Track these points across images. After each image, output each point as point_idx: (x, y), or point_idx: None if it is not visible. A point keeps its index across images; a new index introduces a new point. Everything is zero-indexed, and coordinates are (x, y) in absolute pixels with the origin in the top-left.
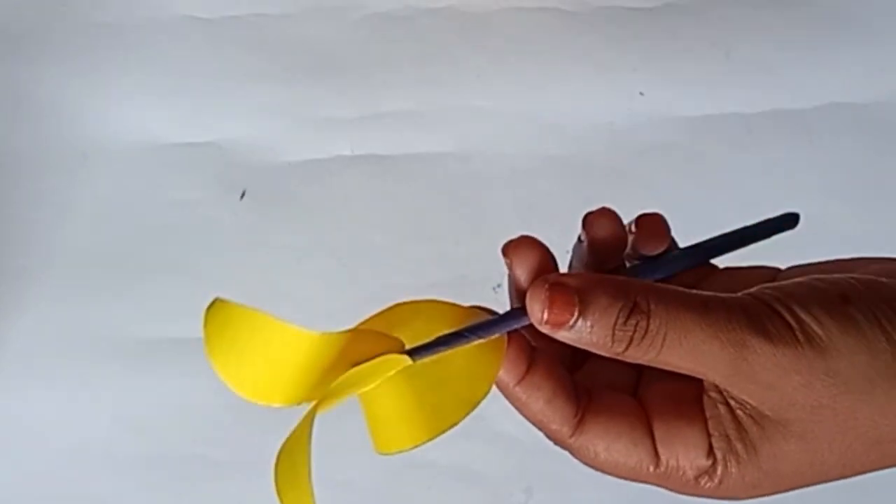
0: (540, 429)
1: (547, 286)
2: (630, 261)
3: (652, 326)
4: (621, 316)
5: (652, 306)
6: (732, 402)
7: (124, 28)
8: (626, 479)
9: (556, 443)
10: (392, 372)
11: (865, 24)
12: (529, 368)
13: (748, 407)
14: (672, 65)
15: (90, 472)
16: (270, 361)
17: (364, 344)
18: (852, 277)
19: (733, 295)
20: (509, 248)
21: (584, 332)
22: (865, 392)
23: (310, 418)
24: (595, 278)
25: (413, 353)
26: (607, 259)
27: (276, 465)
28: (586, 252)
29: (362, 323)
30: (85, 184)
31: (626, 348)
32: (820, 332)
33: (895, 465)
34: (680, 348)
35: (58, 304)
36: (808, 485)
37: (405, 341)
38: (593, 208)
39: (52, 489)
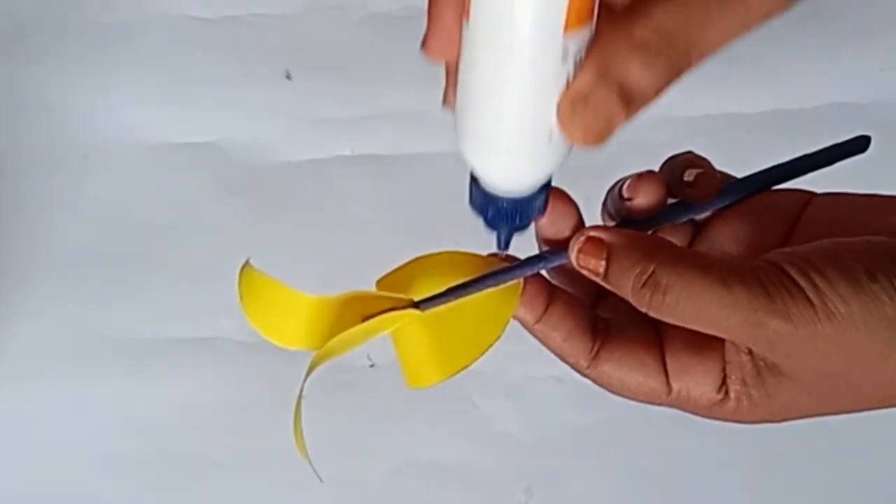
0: (561, 359)
1: (584, 237)
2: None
3: (668, 299)
4: (637, 282)
5: (669, 280)
6: (755, 353)
7: (124, 28)
8: (643, 402)
9: (576, 371)
10: (403, 321)
11: (865, 24)
12: (547, 309)
13: (768, 360)
14: None
15: (90, 472)
16: (288, 317)
17: (374, 302)
18: (873, 242)
19: (754, 264)
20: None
21: (612, 284)
22: (878, 363)
23: (317, 363)
24: (627, 238)
25: (422, 304)
26: (645, 215)
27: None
28: (626, 208)
29: (386, 275)
30: (85, 184)
31: (647, 310)
32: (842, 309)
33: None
34: (698, 320)
35: (58, 304)
36: (812, 416)
37: (423, 290)
38: (641, 172)
39: (52, 489)
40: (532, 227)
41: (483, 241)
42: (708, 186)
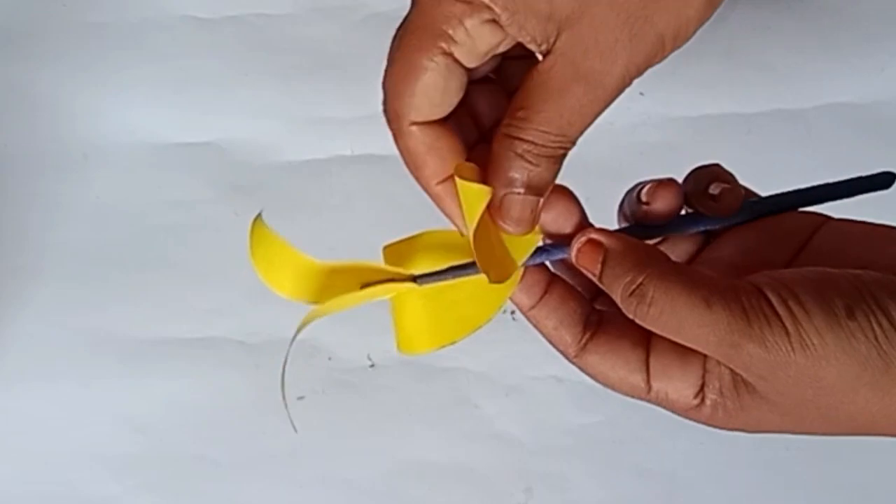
0: (551, 345)
1: (585, 238)
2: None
3: (652, 311)
4: (625, 291)
5: (655, 294)
6: (735, 371)
7: (124, 28)
8: (625, 395)
9: (565, 357)
10: (395, 292)
11: (865, 24)
12: (543, 297)
13: (745, 378)
14: (672, 65)
15: (90, 472)
16: (292, 273)
17: (375, 272)
18: (859, 280)
19: (737, 284)
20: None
21: (605, 286)
22: (848, 396)
23: (311, 318)
24: (623, 245)
25: (421, 279)
26: (659, 221)
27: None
28: (642, 212)
29: (393, 242)
30: (85, 184)
31: (633, 317)
32: (817, 342)
33: (873, 435)
34: (678, 334)
35: (58, 304)
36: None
37: (427, 263)
38: (660, 178)
39: (52, 489)
40: None
41: None
42: (731, 202)
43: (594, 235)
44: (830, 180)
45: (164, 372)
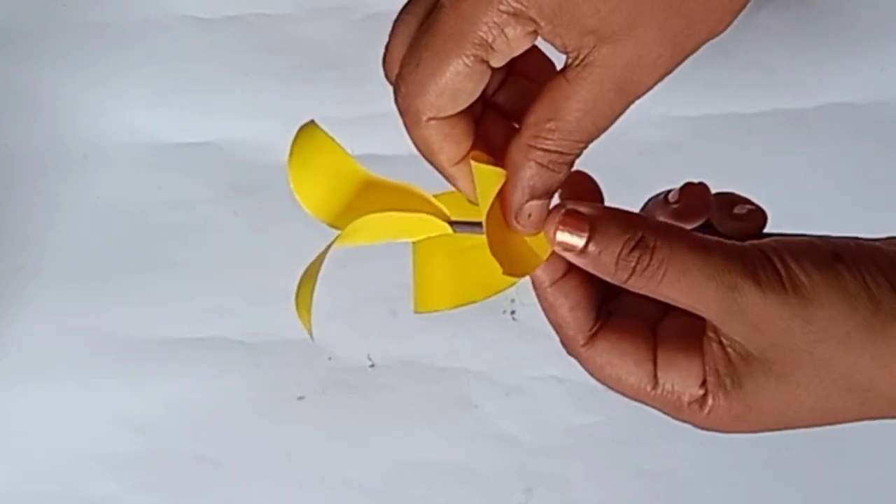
0: (558, 333)
1: (563, 210)
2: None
3: (654, 261)
4: (626, 246)
5: (657, 242)
6: (724, 341)
7: (124, 28)
8: (626, 396)
9: (568, 350)
10: (431, 234)
11: (865, 24)
12: (565, 275)
13: (737, 346)
14: None
15: (90, 472)
16: (331, 184)
17: (417, 201)
18: (852, 240)
19: (736, 242)
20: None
21: (592, 256)
22: (842, 342)
23: (340, 241)
24: (608, 210)
25: (456, 224)
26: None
27: (301, 278)
28: (671, 212)
29: (434, 195)
30: (85, 184)
31: (629, 277)
32: (806, 282)
33: (873, 416)
34: (678, 284)
35: (58, 304)
36: (790, 426)
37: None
38: (694, 181)
39: (52, 489)
40: None
41: None
42: (756, 222)
43: (574, 206)
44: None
45: (164, 372)
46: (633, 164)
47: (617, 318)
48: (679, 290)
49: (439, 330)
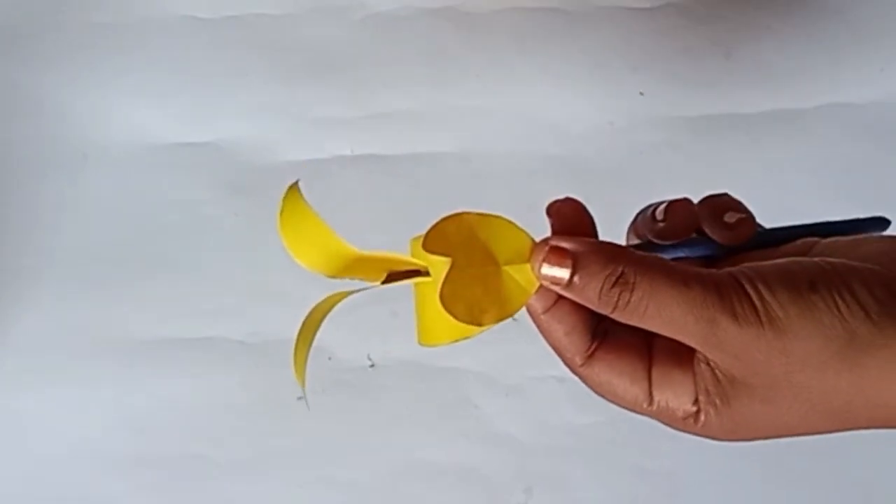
0: (557, 354)
1: (547, 247)
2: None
3: (634, 297)
4: (608, 283)
5: (637, 279)
6: (711, 363)
7: (124, 28)
8: (625, 409)
9: (569, 368)
10: (416, 281)
11: (865, 24)
12: (556, 302)
13: (722, 368)
14: (672, 65)
15: (90, 472)
16: (317, 248)
17: (401, 264)
18: (827, 262)
19: (714, 272)
20: (552, 209)
21: (577, 290)
22: (818, 371)
23: (330, 304)
24: (592, 245)
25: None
26: (672, 240)
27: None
28: (657, 230)
29: (419, 237)
30: (85, 184)
31: (612, 311)
32: (781, 315)
33: (856, 429)
34: (659, 318)
35: (58, 304)
36: (780, 437)
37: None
38: (675, 198)
39: (51, 489)
40: None
41: None
42: (746, 231)
43: (555, 242)
44: (833, 219)
45: (164, 372)
46: (633, 164)
47: (612, 336)
48: (660, 324)
49: None
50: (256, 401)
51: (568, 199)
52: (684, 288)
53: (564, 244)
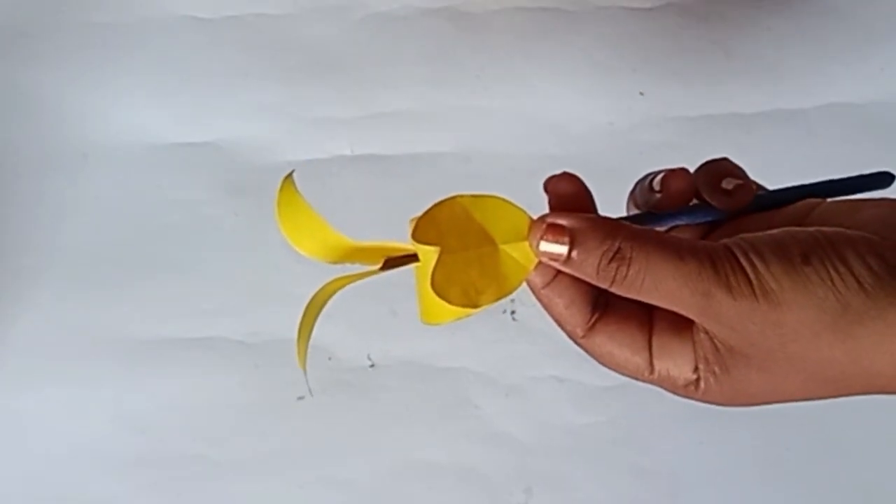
0: (559, 325)
1: (545, 224)
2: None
3: (631, 272)
4: (605, 258)
5: (633, 254)
6: (710, 333)
7: (124, 28)
8: (629, 377)
9: (572, 340)
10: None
11: (865, 24)
12: (556, 276)
13: (720, 339)
14: (672, 65)
15: (90, 472)
16: (314, 236)
17: (399, 252)
18: (821, 233)
19: (708, 244)
20: (548, 185)
21: (575, 265)
22: (812, 342)
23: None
24: (588, 221)
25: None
26: (669, 209)
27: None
28: (654, 200)
29: (426, 211)
30: (85, 184)
31: (611, 285)
32: (775, 287)
33: (855, 394)
34: (656, 291)
35: (58, 304)
36: (779, 402)
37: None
38: (672, 167)
39: (51, 489)
40: None
41: None
42: (744, 197)
43: (552, 219)
44: (834, 177)
45: (164, 372)
46: (633, 164)
47: (613, 308)
48: (657, 297)
49: (439, 330)
50: (256, 401)
51: (564, 174)
52: (679, 262)
53: (561, 221)
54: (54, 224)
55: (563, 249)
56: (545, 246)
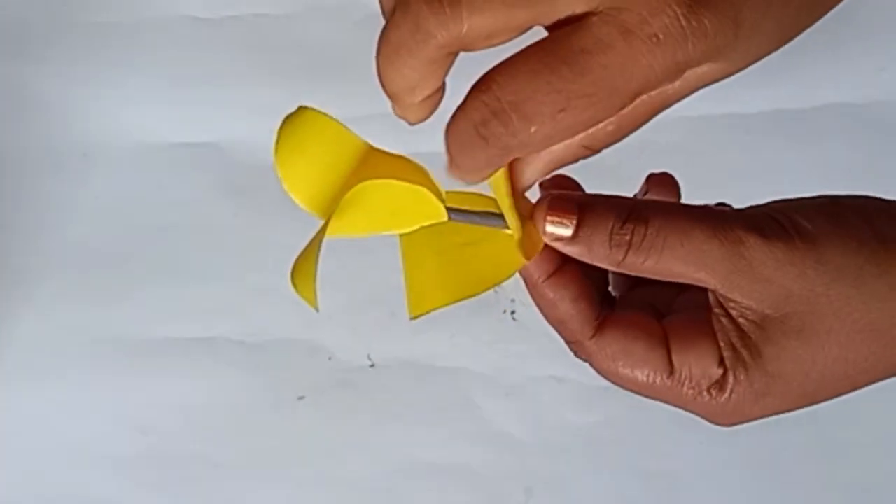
0: (562, 332)
1: (550, 199)
2: None
3: (650, 230)
4: (619, 220)
5: (650, 213)
6: (734, 312)
7: (124, 28)
8: (639, 391)
9: (575, 350)
10: (428, 219)
11: (865, 24)
12: (559, 269)
13: (749, 312)
14: None
15: (90, 471)
16: (327, 163)
17: (411, 174)
18: (842, 195)
19: (726, 209)
20: (543, 185)
21: (585, 239)
22: (855, 278)
23: (325, 228)
24: (596, 195)
25: (452, 211)
26: None
27: (295, 263)
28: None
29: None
30: (85, 184)
31: (626, 254)
32: (810, 226)
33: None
34: (681, 249)
35: (58, 304)
36: (816, 395)
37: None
38: (657, 171)
39: (52, 489)
40: None
41: None
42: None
43: (561, 192)
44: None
45: (164, 372)
46: (633, 164)
47: (621, 304)
48: (682, 257)
49: (439, 330)
50: (256, 401)
51: (557, 176)
52: (702, 215)
53: (569, 193)
54: (54, 224)
55: (569, 227)
56: (552, 223)
